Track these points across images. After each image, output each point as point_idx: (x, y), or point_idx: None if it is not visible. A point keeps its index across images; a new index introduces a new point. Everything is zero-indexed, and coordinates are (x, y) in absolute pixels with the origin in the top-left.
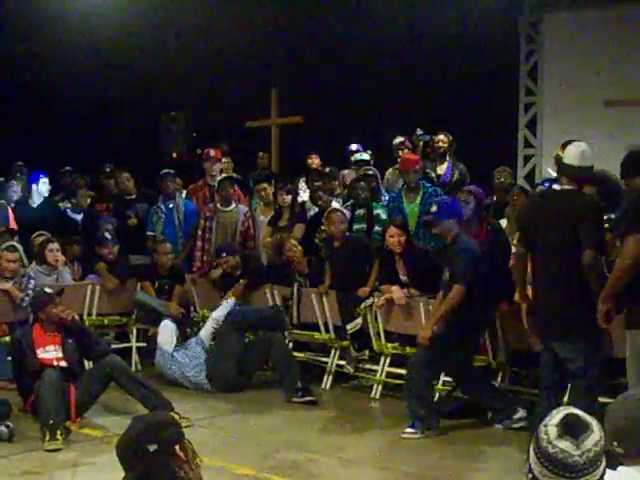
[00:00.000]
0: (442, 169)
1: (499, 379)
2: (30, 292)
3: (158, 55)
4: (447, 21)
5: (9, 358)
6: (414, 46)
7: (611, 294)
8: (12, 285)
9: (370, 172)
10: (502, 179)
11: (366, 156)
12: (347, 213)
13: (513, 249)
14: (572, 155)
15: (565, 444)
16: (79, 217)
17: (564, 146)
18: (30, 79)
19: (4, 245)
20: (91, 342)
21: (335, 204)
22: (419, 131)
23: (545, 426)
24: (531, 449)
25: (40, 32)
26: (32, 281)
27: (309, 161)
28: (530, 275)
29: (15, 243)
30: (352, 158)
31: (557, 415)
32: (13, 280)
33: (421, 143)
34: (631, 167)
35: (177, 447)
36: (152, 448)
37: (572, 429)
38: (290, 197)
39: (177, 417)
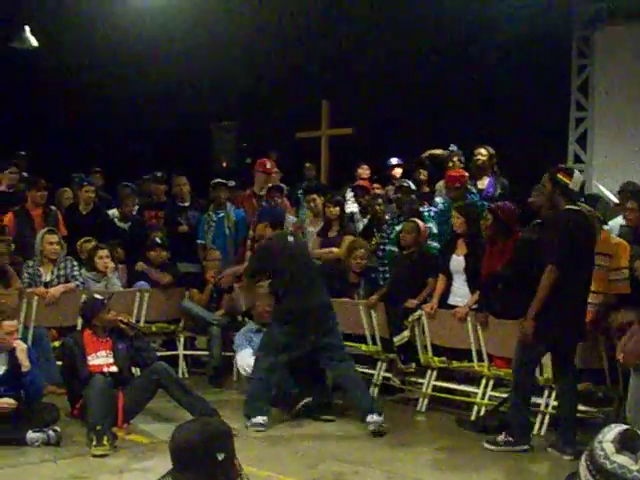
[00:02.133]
0: (483, 183)
1: (545, 395)
2: (77, 274)
3: (211, 65)
4: (499, 35)
5: (58, 363)
6: (465, 60)
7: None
8: (55, 272)
9: (404, 184)
10: (533, 199)
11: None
12: (422, 225)
13: None
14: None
15: (623, 459)
16: (126, 226)
17: (566, 172)
18: (79, 86)
19: (44, 229)
20: (142, 346)
21: None
22: (452, 146)
23: (600, 442)
24: (583, 467)
25: (90, 40)
26: (75, 263)
27: (359, 171)
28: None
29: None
30: (399, 172)
31: (612, 431)
32: (55, 265)
33: (455, 158)
34: None
35: (236, 461)
36: (220, 457)
37: (630, 445)
38: (338, 208)
39: None
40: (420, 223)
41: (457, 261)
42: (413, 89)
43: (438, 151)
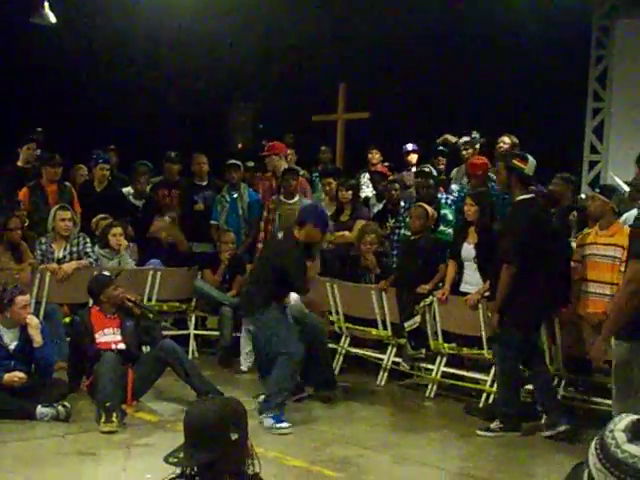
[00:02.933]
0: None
1: (555, 384)
2: (90, 251)
3: (227, 47)
4: (517, 23)
5: (68, 339)
6: (483, 48)
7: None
8: (68, 249)
9: (426, 169)
10: (552, 187)
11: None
12: (431, 211)
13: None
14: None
15: (635, 448)
16: (140, 203)
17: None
18: (97, 63)
19: (57, 206)
20: (149, 325)
21: None
22: (474, 133)
23: (611, 432)
24: (592, 455)
25: (109, 18)
26: (88, 240)
27: (369, 156)
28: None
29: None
30: (415, 157)
31: (624, 420)
32: (68, 241)
33: (477, 145)
34: None
35: (249, 442)
36: (234, 437)
37: None
38: (351, 192)
39: None
40: (428, 208)
41: (467, 249)
42: (432, 75)
43: (452, 138)
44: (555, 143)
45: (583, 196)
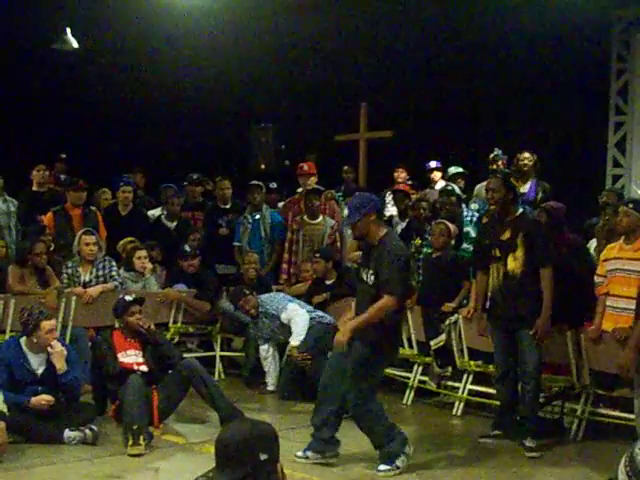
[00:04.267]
0: (525, 188)
1: (582, 400)
2: (116, 275)
3: (249, 66)
4: (538, 38)
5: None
6: (505, 64)
7: None
8: (94, 273)
9: (449, 187)
10: (604, 199)
11: (460, 169)
12: (453, 228)
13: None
14: None
15: None
16: (173, 225)
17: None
18: (119, 87)
19: (81, 230)
20: (165, 353)
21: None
22: (497, 150)
23: None
24: (621, 472)
25: (130, 42)
26: (114, 263)
27: (395, 175)
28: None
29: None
30: (439, 175)
31: None
32: (94, 265)
33: (500, 163)
34: None
35: (279, 465)
36: (263, 457)
37: None
38: None
39: None
40: (450, 225)
41: None
42: (452, 93)
43: None
44: (578, 158)
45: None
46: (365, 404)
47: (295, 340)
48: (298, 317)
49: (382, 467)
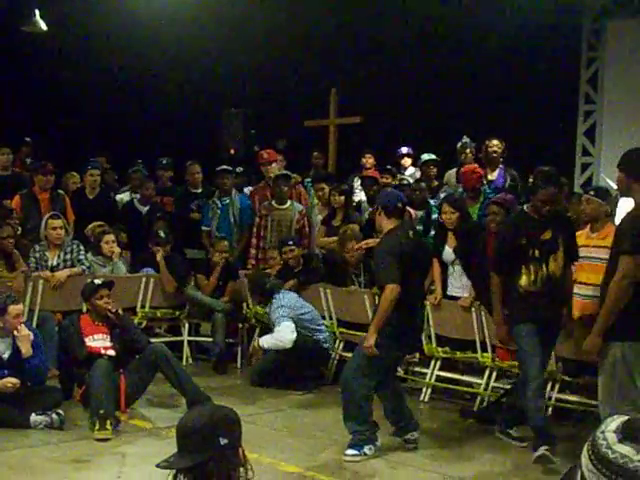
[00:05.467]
0: (494, 175)
1: (549, 388)
2: (83, 259)
3: (220, 52)
4: (507, 26)
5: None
6: (474, 51)
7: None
8: (62, 257)
9: (404, 182)
10: None
11: (433, 156)
12: (414, 213)
13: None
14: None
15: (626, 449)
16: (145, 209)
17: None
18: (88, 71)
19: (48, 214)
20: (132, 338)
21: None
22: (465, 138)
23: (602, 432)
24: (584, 457)
25: (100, 25)
26: (82, 247)
27: (363, 160)
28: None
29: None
30: (409, 161)
31: (614, 421)
32: (62, 249)
33: (468, 150)
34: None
35: (240, 449)
36: (223, 442)
37: (632, 435)
38: (343, 197)
39: None
40: (411, 210)
41: (448, 253)
42: (422, 78)
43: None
44: (547, 146)
45: None
46: (356, 380)
47: (263, 341)
48: (281, 334)
49: (349, 452)
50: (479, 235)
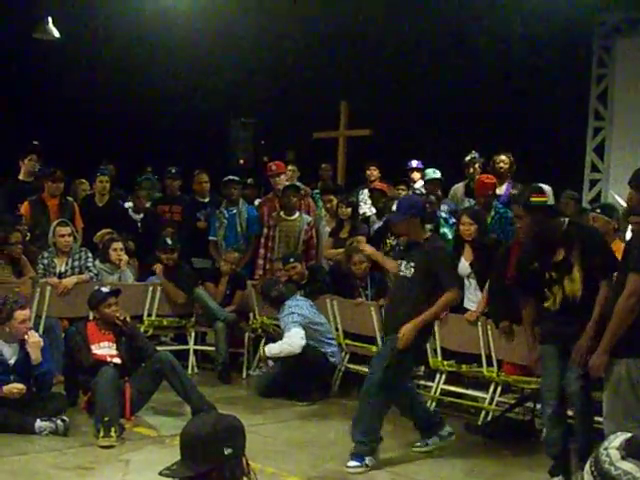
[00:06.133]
0: (501, 189)
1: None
2: (91, 266)
3: (231, 62)
4: (518, 42)
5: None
6: (485, 65)
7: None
8: (70, 263)
9: (417, 192)
10: (566, 205)
11: (438, 174)
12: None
13: None
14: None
15: (629, 466)
16: (139, 217)
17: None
18: (99, 78)
19: (56, 221)
20: (139, 345)
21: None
22: (474, 153)
23: (606, 449)
24: (587, 474)
25: (112, 33)
26: (90, 254)
27: (367, 172)
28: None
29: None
30: (418, 175)
31: (618, 438)
32: (70, 256)
33: (476, 165)
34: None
35: (244, 459)
36: (227, 451)
37: (635, 452)
38: (350, 209)
39: None
40: None
41: (464, 266)
42: (433, 92)
43: None
44: (556, 161)
45: None
46: (378, 396)
47: (269, 349)
48: (288, 342)
49: (352, 463)
50: (497, 249)
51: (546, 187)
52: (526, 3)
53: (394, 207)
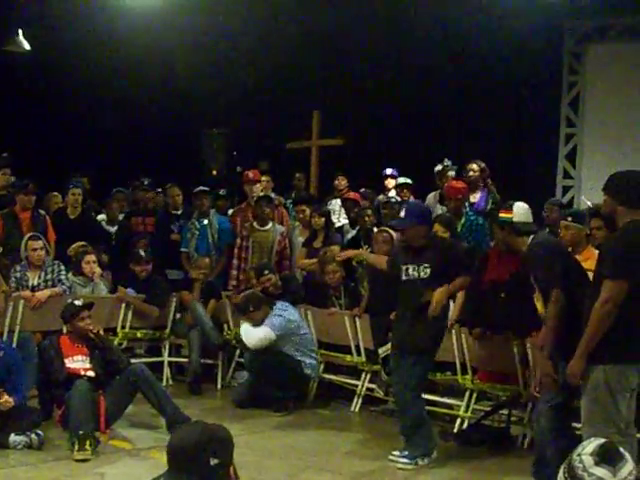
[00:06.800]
0: (475, 197)
1: (529, 408)
2: (64, 279)
3: (202, 72)
4: (489, 49)
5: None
6: (456, 74)
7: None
8: (42, 277)
9: (393, 200)
10: (550, 213)
11: (409, 180)
12: (395, 236)
13: None
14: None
15: (602, 472)
16: (113, 229)
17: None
18: (70, 90)
19: (28, 235)
20: (112, 358)
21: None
22: (447, 161)
23: (579, 455)
24: (561, 478)
25: (82, 45)
26: (62, 267)
27: (335, 182)
28: None
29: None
30: (392, 183)
31: (591, 444)
32: (42, 269)
33: (449, 173)
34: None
35: (231, 467)
36: (213, 462)
37: (608, 458)
38: (324, 219)
39: None
40: (393, 233)
41: None
42: (404, 101)
43: None
44: (529, 169)
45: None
46: (417, 399)
47: (244, 330)
48: (259, 331)
49: (404, 460)
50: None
51: (519, 205)
52: (496, 11)
53: (402, 213)
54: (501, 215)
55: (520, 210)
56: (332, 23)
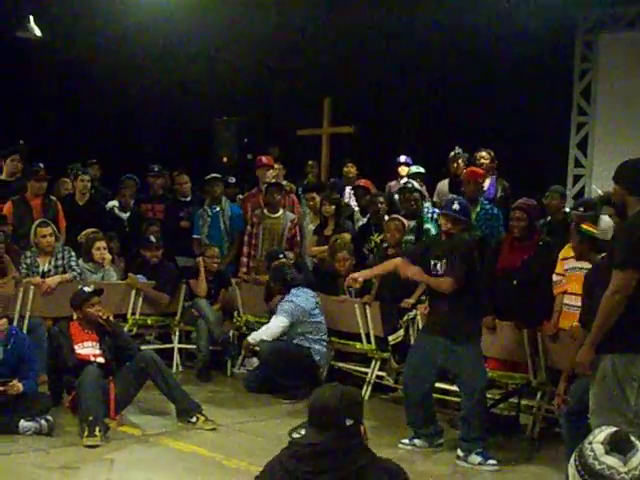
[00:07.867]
0: (485, 186)
1: (538, 397)
2: (74, 265)
3: (213, 60)
4: (500, 38)
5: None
6: (467, 62)
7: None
8: (53, 263)
9: (409, 185)
10: (551, 200)
11: (422, 169)
12: (406, 223)
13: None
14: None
15: (613, 460)
16: (125, 216)
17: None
18: (82, 77)
19: (37, 222)
20: (122, 345)
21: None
22: (457, 149)
23: (590, 443)
24: (571, 468)
25: (94, 32)
26: (73, 253)
27: (345, 170)
28: None
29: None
30: (405, 170)
31: (602, 433)
32: (53, 255)
33: (460, 160)
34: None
35: (362, 427)
36: (349, 422)
37: (619, 447)
38: (334, 207)
39: (203, 419)
40: (404, 220)
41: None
42: (416, 89)
43: None
44: (540, 157)
45: (567, 209)
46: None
47: (253, 337)
48: (273, 324)
49: (478, 458)
50: (483, 246)
51: (605, 220)
52: None
53: (455, 205)
54: (584, 227)
55: (605, 226)
56: (344, 10)
